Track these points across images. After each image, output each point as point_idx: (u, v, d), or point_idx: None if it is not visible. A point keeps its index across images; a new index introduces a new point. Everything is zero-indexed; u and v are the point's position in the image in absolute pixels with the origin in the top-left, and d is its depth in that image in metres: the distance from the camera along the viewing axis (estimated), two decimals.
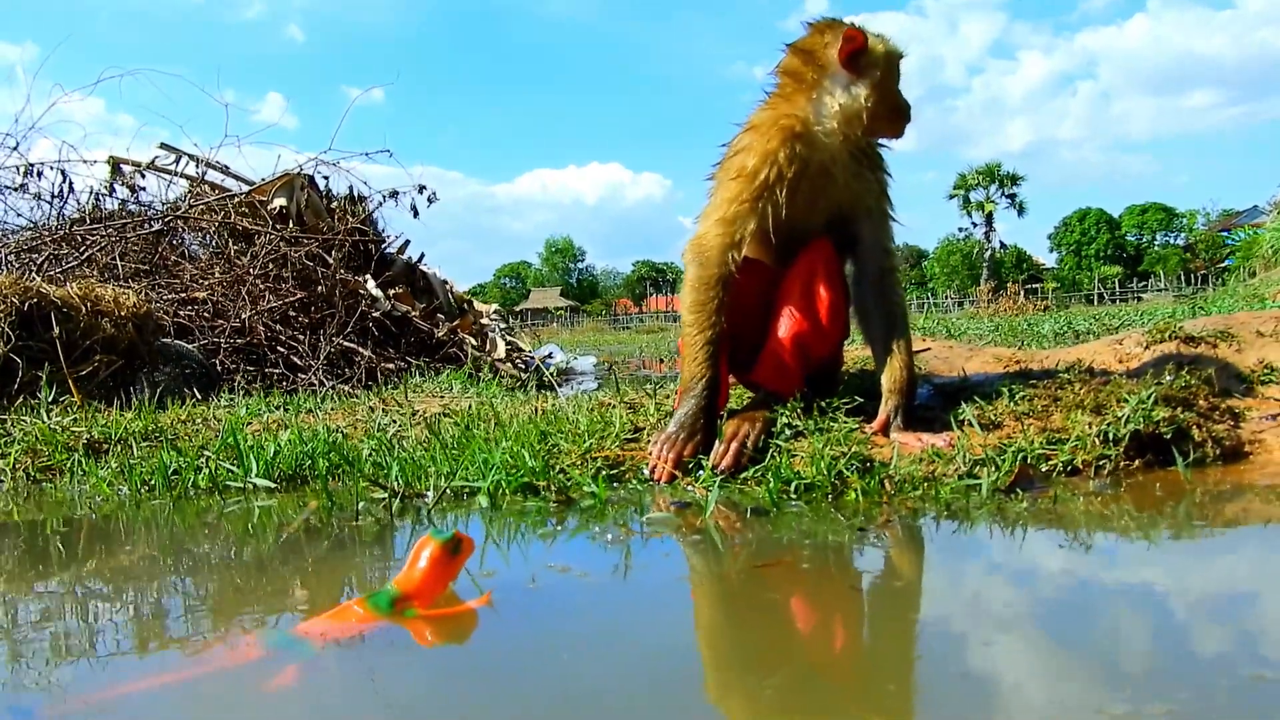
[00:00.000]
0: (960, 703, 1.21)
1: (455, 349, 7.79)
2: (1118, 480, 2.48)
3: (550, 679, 1.35)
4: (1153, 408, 2.65)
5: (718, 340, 2.73)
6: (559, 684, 1.33)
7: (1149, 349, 3.31)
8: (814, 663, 1.41)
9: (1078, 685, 1.25)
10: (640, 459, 2.78)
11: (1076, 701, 1.19)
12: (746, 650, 1.49)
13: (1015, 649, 1.41)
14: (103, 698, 1.34)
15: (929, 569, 1.95)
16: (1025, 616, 1.58)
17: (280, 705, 1.28)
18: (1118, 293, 60.13)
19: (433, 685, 1.36)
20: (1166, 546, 1.98)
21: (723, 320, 2.75)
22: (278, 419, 3.92)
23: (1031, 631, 1.50)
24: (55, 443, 3.57)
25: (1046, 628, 1.52)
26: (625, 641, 1.54)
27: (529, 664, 1.41)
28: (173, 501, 2.89)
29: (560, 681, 1.34)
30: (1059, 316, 17.62)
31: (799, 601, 1.76)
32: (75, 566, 2.25)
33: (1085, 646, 1.40)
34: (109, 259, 7.14)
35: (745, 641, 1.54)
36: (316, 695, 1.31)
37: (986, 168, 70.19)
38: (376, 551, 2.24)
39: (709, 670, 1.43)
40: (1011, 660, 1.36)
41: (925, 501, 2.35)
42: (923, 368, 3.50)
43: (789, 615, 1.69)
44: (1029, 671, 1.32)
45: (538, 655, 1.45)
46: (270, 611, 1.78)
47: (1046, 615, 1.59)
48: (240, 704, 1.28)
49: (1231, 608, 1.60)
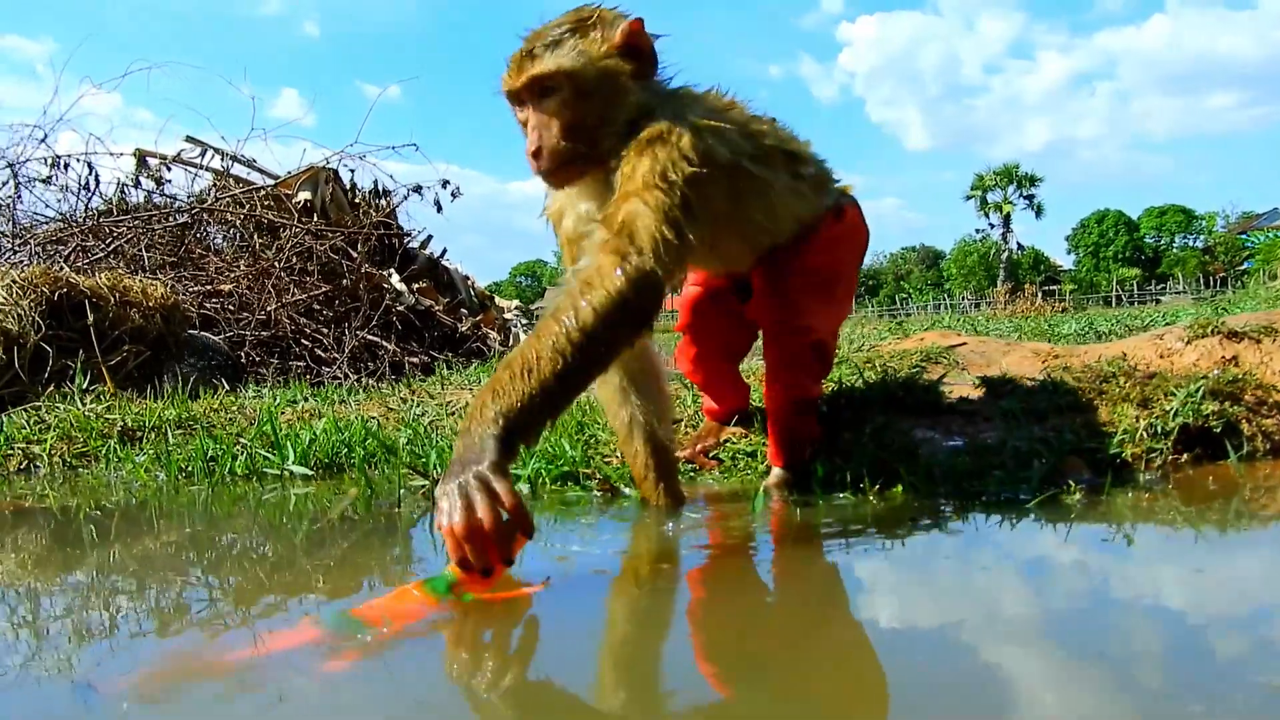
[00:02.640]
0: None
1: (478, 343, 7.79)
2: (1167, 474, 2.45)
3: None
4: (1201, 401, 2.61)
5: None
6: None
7: (1190, 344, 3.26)
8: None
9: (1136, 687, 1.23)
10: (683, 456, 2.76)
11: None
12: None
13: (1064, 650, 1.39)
14: (166, 676, 1.34)
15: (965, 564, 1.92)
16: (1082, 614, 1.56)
17: (339, 685, 1.28)
18: (1136, 295, 59.73)
19: (480, 672, 1.34)
20: (1228, 543, 1.95)
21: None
22: (310, 408, 3.92)
23: (1087, 632, 1.47)
24: (90, 430, 3.57)
25: (1098, 628, 1.49)
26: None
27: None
28: (210, 488, 2.89)
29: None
30: (1080, 317, 17.51)
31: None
32: (132, 546, 2.25)
33: (1140, 647, 1.38)
34: (135, 251, 7.17)
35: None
36: (370, 677, 1.30)
37: (1005, 168, 69.79)
38: (424, 536, 2.23)
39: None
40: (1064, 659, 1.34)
41: (973, 494, 2.32)
42: (960, 363, 3.47)
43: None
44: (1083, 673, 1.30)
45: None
46: (332, 594, 1.78)
47: (1099, 614, 1.57)
48: (299, 684, 1.27)
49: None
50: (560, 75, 1.97)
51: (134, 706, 1.22)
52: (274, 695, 1.22)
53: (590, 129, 1.99)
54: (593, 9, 2.05)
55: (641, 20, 2.05)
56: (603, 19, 2.03)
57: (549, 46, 1.98)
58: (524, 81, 1.99)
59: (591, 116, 1.99)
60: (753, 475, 2.67)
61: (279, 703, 1.20)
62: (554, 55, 1.97)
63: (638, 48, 2.04)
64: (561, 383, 1.68)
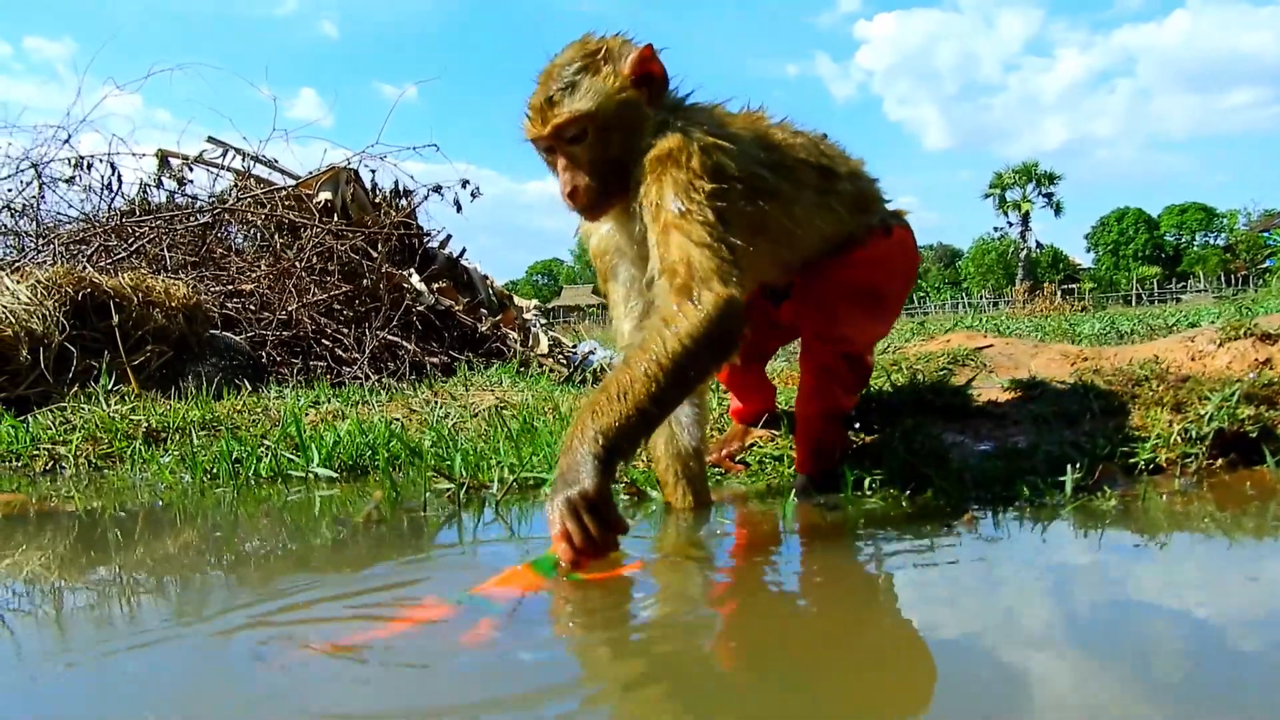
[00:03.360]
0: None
1: (498, 344, 7.78)
2: (1203, 480, 2.41)
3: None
4: (1236, 405, 2.57)
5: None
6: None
7: (1223, 346, 3.22)
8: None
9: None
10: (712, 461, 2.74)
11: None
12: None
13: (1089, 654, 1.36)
14: (320, 650, 1.40)
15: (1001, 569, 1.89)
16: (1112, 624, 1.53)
17: (481, 655, 1.40)
18: (1156, 294, 59.25)
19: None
20: (1267, 550, 1.92)
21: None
22: (333, 410, 3.92)
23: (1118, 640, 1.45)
24: (115, 430, 3.58)
25: (1131, 636, 1.46)
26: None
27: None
28: (236, 490, 2.89)
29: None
30: (1100, 316, 17.37)
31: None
32: (174, 544, 2.25)
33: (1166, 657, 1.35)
34: (157, 251, 7.20)
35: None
36: (506, 646, 1.43)
37: (1023, 167, 69.36)
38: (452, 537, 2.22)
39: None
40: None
41: (1006, 500, 2.29)
42: (987, 365, 3.43)
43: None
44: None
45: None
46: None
47: (1127, 622, 1.54)
48: (443, 655, 1.39)
49: None
50: (583, 119, 2.01)
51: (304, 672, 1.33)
52: (421, 665, 1.33)
53: (617, 161, 2.05)
54: (598, 42, 2.10)
55: (650, 46, 2.08)
56: (610, 52, 2.07)
57: (566, 91, 2.03)
58: (549, 131, 2.04)
59: (615, 149, 2.04)
60: (780, 479, 2.65)
61: (426, 670, 1.32)
62: (572, 100, 2.02)
63: (649, 74, 2.07)
64: (655, 404, 1.78)
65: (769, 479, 2.68)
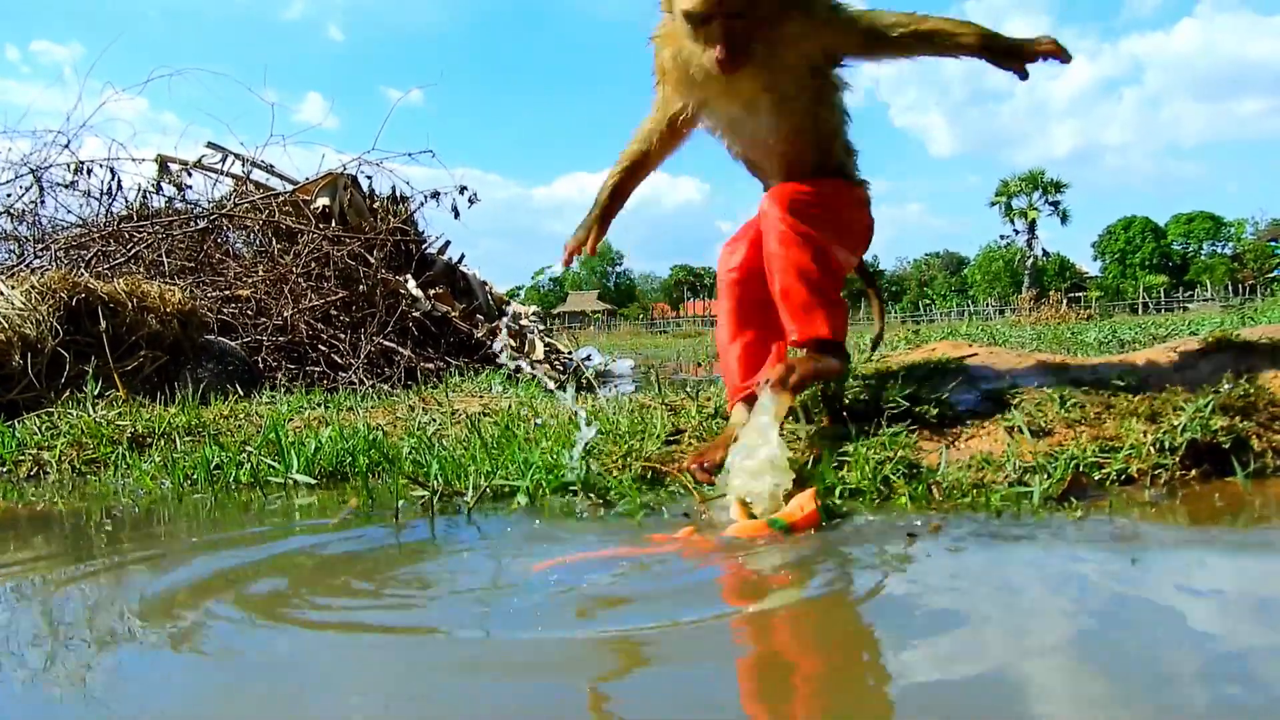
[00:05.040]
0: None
1: (494, 350, 7.80)
2: (1174, 491, 2.41)
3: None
4: (1210, 416, 2.57)
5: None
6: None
7: (1205, 356, 3.22)
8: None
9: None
10: (679, 470, 2.73)
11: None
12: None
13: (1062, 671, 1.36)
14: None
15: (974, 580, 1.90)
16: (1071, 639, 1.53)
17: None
18: (1163, 302, 59.17)
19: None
20: (1227, 565, 1.92)
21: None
22: (319, 416, 3.94)
23: (1077, 655, 1.45)
24: (100, 436, 3.60)
25: (1093, 650, 1.46)
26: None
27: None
28: (214, 496, 2.90)
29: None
30: (1103, 325, 17.35)
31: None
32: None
33: (1128, 673, 1.35)
34: (155, 256, 7.25)
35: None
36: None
37: (1030, 174, 69.37)
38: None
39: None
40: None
41: (975, 509, 2.29)
42: (970, 374, 3.43)
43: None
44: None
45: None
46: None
47: (1091, 637, 1.54)
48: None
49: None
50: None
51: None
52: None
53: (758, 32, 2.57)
54: None
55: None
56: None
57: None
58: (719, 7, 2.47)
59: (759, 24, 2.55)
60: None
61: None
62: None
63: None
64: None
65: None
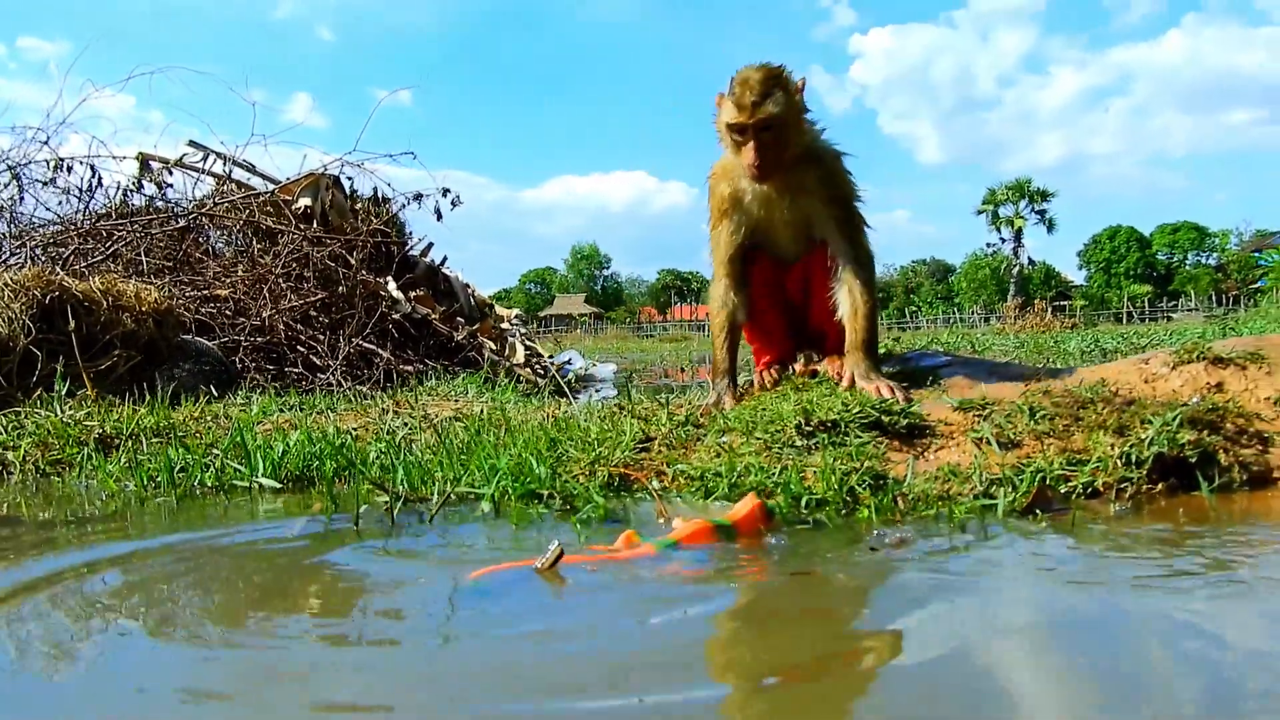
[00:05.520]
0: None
1: (474, 353, 7.77)
2: (1140, 505, 2.41)
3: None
4: (1178, 430, 2.57)
5: (731, 351, 3.48)
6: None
7: (1175, 369, 3.22)
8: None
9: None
10: (646, 477, 2.72)
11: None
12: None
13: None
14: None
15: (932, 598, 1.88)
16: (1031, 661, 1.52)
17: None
18: (1147, 312, 59.51)
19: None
20: (1184, 582, 1.91)
21: (734, 339, 3.48)
22: (289, 419, 3.90)
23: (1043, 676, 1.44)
24: (67, 436, 3.56)
25: (1056, 668, 1.45)
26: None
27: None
28: (177, 499, 2.87)
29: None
30: (1086, 334, 17.43)
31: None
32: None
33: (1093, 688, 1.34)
34: (134, 254, 7.19)
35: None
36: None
37: (1017, 183, 69.69)
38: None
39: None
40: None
41: (939, 522, 2.28)
42: (942, 384, 3.43)
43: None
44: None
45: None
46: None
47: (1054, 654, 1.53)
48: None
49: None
50: (776, 118, 3.00)
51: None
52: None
53: (785, 148, 3.11)
54: (776, 67, 3.05)
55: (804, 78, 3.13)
56: (786, 77, 3.07)
57: (766, 97, 2.97)
58: (754, 121, 2.98)
59: (787, 141, 3.08)
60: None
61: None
62: (769, 105, 2.97)
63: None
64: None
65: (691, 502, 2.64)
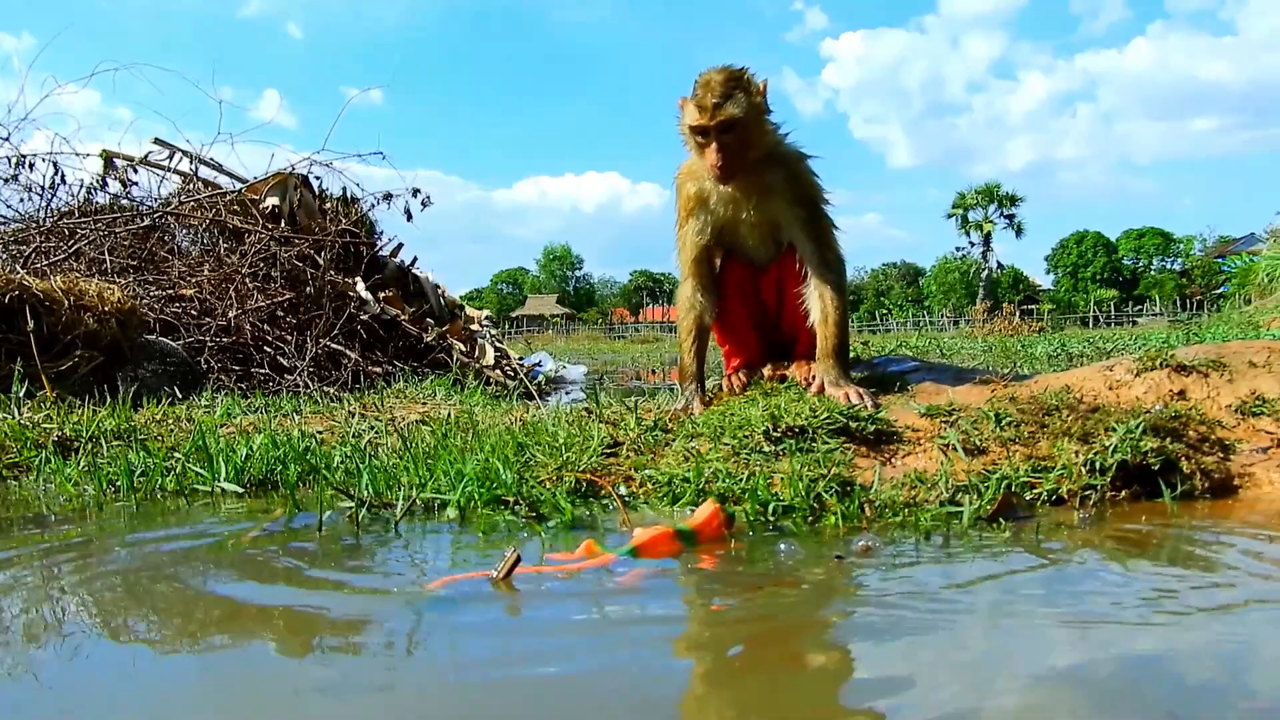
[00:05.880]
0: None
1: (444, 354, 7.72)
2: (1103, 512, 2.42)
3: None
4: (1141, 437, 2.59)
5: (699, 355, 3.50)
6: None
7: (1139, 376, 3.25)
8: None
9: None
10: (612, 483, 2.70)
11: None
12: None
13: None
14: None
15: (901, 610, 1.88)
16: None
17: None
18: (1113, 316, 60.25)
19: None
20: (1131, 591, 1.92)
21: (702, 342, 3.50)
22: (253, 422, 3.85)
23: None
24: (24, 439, 3.50)
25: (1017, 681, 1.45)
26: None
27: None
28: (137, 504, 2.82)
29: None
30: (1053, 338, 17.60)
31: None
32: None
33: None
34: (97, 253, 7.08)
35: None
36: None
37: (986, 187, 70.36)
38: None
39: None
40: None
41: (905, 529, 2.29)
42: (910, 390, 3.44)
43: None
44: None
45: None
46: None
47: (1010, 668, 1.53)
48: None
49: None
50: (736, 120, 3.08)
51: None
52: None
53: (749, 149, 3.16)
54: (739, 70, 3.12)
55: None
56: (749, 78, 3.12)
57: (726, 99, 3.03)
58: (714, 124, 3.04)
59: (749, 142, 3.16)
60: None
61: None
62: (730, 106, 3.05)
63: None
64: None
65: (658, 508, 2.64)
